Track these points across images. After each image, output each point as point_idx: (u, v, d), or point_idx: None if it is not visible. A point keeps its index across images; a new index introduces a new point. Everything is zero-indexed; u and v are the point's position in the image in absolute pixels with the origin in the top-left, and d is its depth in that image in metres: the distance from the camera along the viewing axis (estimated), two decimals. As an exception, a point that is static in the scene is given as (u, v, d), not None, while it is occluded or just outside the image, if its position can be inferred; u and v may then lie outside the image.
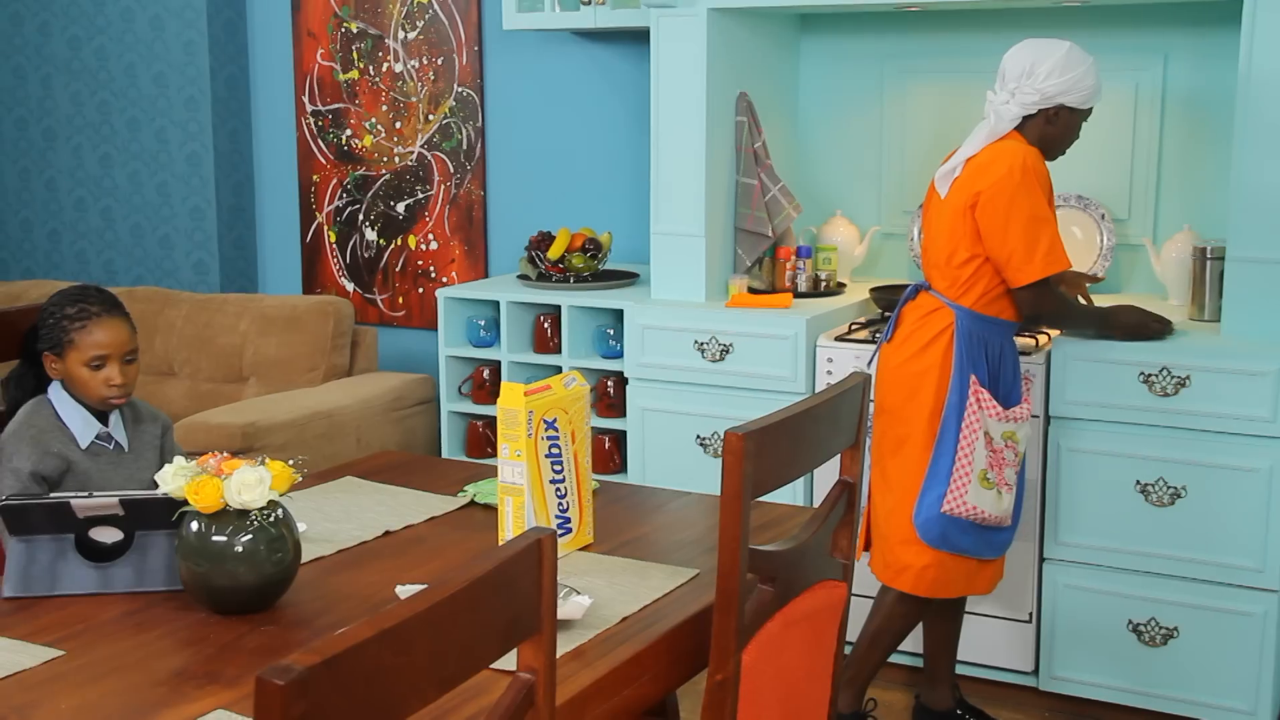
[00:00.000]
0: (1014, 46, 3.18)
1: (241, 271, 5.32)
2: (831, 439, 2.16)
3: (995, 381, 3.12)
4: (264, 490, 2.02)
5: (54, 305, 2.60)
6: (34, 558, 2.13)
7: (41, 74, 5.50)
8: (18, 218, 5.66)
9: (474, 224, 4.86)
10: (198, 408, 4.59)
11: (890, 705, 3.60)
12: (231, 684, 1.81)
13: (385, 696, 1.25)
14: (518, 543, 1.45)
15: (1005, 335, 3.15)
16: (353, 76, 5.00)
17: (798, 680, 2.14)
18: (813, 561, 2.13)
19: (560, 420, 2.31)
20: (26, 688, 1.81)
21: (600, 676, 1.85)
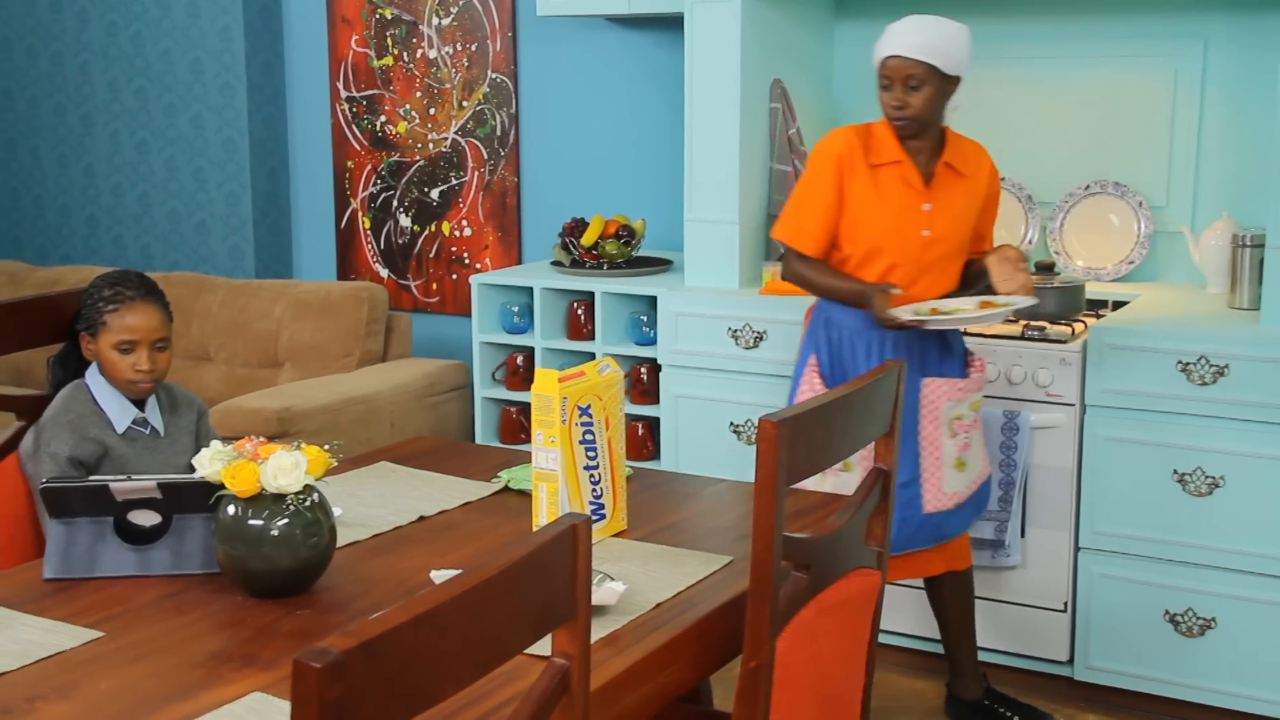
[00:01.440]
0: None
1: (276, 257, 5.34)
2: (865, 426, 2.15)
3: (837, 361, 3.14)
4: (300, 475, 2.03)
5: (94, 287, 2.62)
6: (74, 540, 2.15)
7: (79, 60, 5.53)
8: (56, 203, 5.71)
9: (508, 210, 4.86)
10: (233, 392, 4.62)
11: (922, 694, 3.59)
12: (268, 667, 1.83)
13: (421, 680, 1.26)
14: (552, 528, 1.45)
15: (852, 316, 3.11)
16: (387, 63, 5.01)
17: (832, 668, 2.14)
18: (847, 549, 2.12)
19: (594, 406, 2.31)
20: (67, 668, 1.83)
21: (634, 662, 1.86)
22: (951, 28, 3.02)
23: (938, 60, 2.98)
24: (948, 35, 3.00)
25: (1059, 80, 3.99)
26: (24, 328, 2.72)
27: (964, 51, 3.03)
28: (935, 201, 3.09)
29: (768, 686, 1.92)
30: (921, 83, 2.99)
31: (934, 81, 3.00)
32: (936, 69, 2.98)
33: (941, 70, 2.99)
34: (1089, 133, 3.97)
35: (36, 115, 5.68)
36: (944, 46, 2.98)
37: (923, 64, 2.97)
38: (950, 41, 3.00)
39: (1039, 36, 4.00)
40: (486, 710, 1.67)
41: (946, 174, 3.11)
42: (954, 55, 3.00)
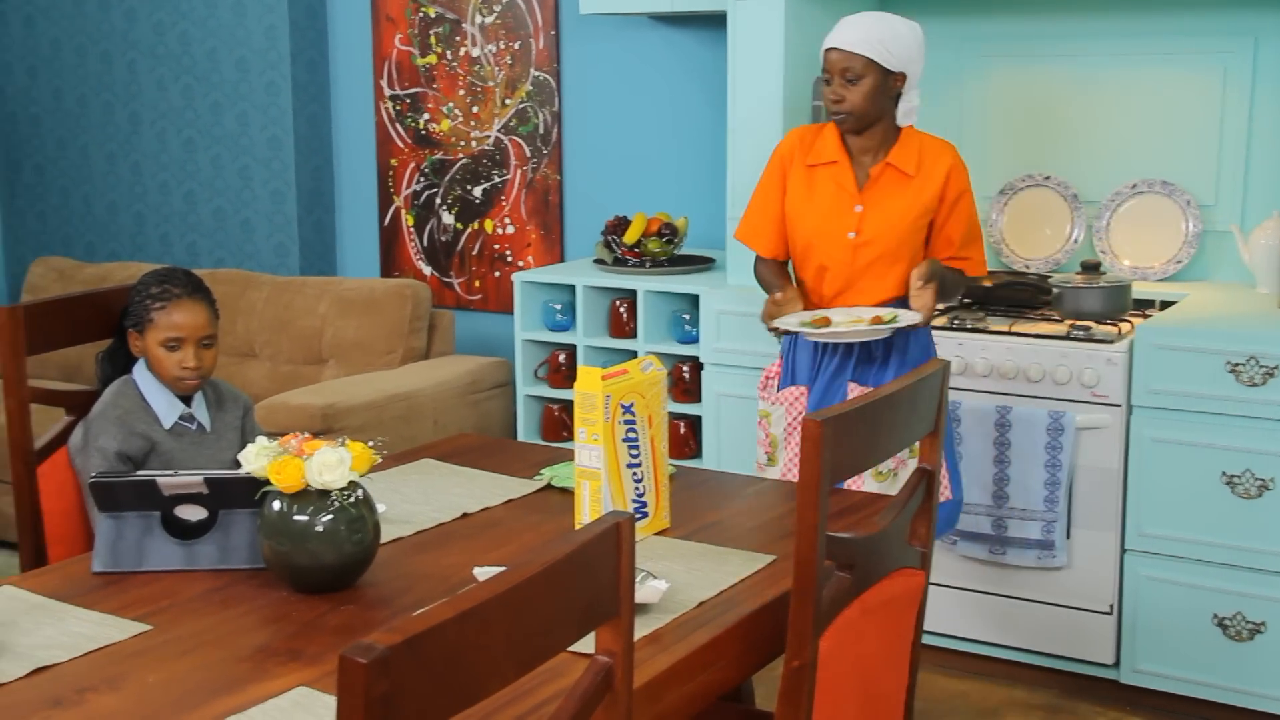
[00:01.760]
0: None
1: (320, 255, 5.37)
2: (910, 426, 2.14)
3: (788, 367, 3.16)
4: (344, 471, 2.04)
5: (142, 284, 2.65)
6: (122, 534, 2.18)
7: (128, 59, 5.58)
8: (104, 201, 5.76)
9: (550, 208, 4.87)
10: (278, 389, 4.65)
11: (965, 695, 3.58)
12: (313, 661, 1.84)
13: (465, 677, 1.26)
14: (596, 526, 1.45)
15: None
16: (430, 61, 5.03)
17: (875, 668, 2.13)
18: (891, 549, 2.12)
19: (637, 405, 2.31)
20: (116, 660, 1.84)
21: (677, 661, 1.86)
22: (898, 24, 2.97)
23: (877, 54, 2.93)
24: (891, 31, 2.95)
25: (1106, 78, 3.96)
26: (73, 324, 2.75)
27: (909, 48, 2.97)
28: (868, 203, 3.03)
29: (811, 686, 1.92)
30: (859, 76, 2.94)
31: (873, 76, 2.95)
32: (876, 63, 2.94)
33: (881, 65, 2.94)
34: (1136, 131, 3.94)
35: (86, 114, 5.73)
36: (885, 41, 2.93)
37: (860, 57, 2.93)
38: (893, 37, 2.95)
39: (1085, 34, 3.97)
40: (529, 707, 1.68)
41: (887, 175, 3.03)
42: (896, 51, 2.95)
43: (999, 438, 3.49)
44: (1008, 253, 4.09)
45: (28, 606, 2.02)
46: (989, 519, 3.52)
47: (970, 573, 3.60)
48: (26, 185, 5.95)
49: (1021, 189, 4.08)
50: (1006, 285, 3.82)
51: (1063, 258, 4.02)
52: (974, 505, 3.54)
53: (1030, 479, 3.46)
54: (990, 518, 3.52)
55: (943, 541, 3.56)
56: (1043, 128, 4.06)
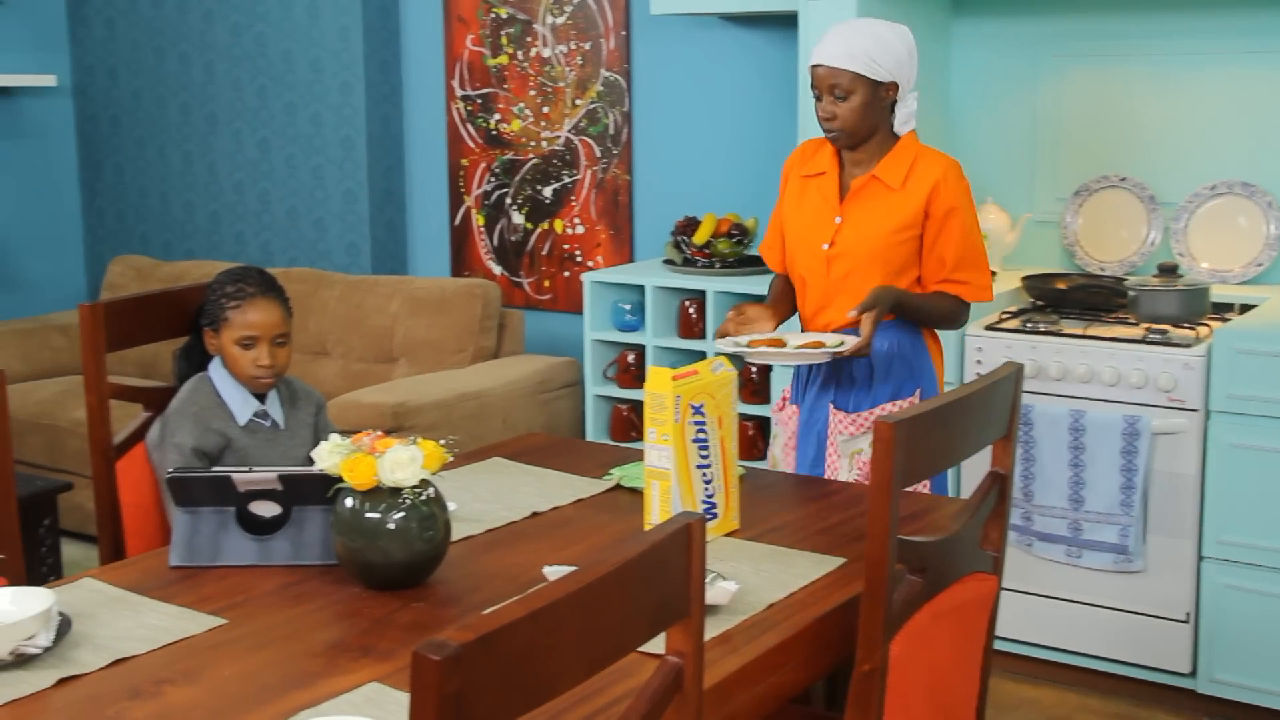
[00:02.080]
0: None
1: (392, 254, 5.42)
2: (983, 429, 2.12)
3: (791, 381, 3.10)
4: (416, 469, 2.05)
5: (217, 283, 2.68)
6: (197, 529, 2.21)
7: (205, 60, 5.66)
8: (181, 200, 5.85)
9: (620, 208, 4.88)
10: (349, 387, 4.69)
11: (1037, 701, 3.54)
12: (385, 658, 1.85)
13: (536, 675, 1.27)
14: (667, 526, 1.45)
15: None
16: (502, 61, 5.06)
17: (946, 673, 2.11)
18: (963, 553, 2.10)
19: (707, 405, 2.31)
20: (192, 653, 1.87)
21: (747, 663, 1.85)
22: (884, 32, 2.83)
23: (864, 68, 2.78)
24: (877, 41, 2.80)
25: (1184, 77, 3.90)
26: (151, 321, 2.79)
27: (897, 56, 2.81)
28: (847, 215, 2.89)
29: (881, 690, 1.91)
30: (849, 92, 2.80)
31: (863, 90, 2.80)
32: (864, 77, 2.79)
33: (870, 78, 2.79)
34: (1215, 131, 3.88)
35: (164, 115, 5.82)
36: (872, 52, 2.79)
37: (847, 73, 2.78)
38: (880, 47, 2.80)
39: (1163, 33, 3.91)
40: (599, 706, 1.68)
41: (871, 187, 2.88)
42: (885, 61, 2.79)
43: (1073, 441, 3.45)
44: (1082, 255, 4.04)
45: (107, 599, 2.05)
46: (1065, 521, 3.49)
47: (1045, 578, 3.56)
48: (106, 185, 6.05)
49: (1097, 190, 4.03)
50: (1081, 288, 3.78)
51: (1139, 260, 3.96)
52: (1050, 508, 3.50)
53: (1105, 482, 3.41)
54: (1066, 520, 3.48)
55: (1020, 543, 3.53)
56: (1118, 129, 4.00)
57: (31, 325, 5.45)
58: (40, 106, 5.93)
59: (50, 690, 1.76)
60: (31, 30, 5.86)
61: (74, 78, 6.03)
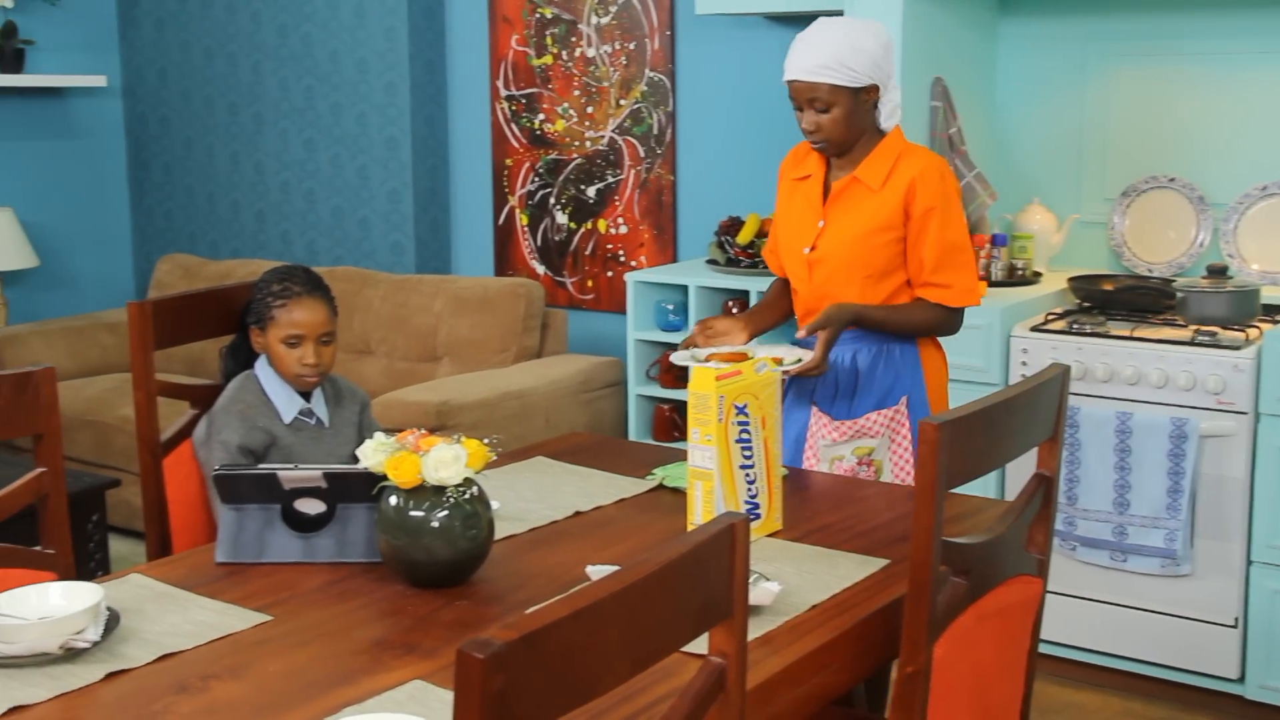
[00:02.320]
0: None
1: (436, 253, 5.44)
2: (1029, 431, 2.10)
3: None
4: (460, 468, 2.06)
5: (264, 281, 2.70)
6: (243, 526, 2.22)
7: (252, 61, 5.71)
8: (228, 199, 5.90)
9: (663, 208, 4.88)
10: (393, 385, 4.71)
11: (1082, 706, 3.51)
12: (428, 655, 1.86)
13: (580, 674, 1.27)
14: (711, 527, 1.45)
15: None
16: (546, 61, 5.07)
17: (990, 676, 2.10)
18: (1007, 555, 2.08)
19: (751, 406, 2.31)
20: (238, 649, 1.89)
21: (789, 664, 1.85)
22: (856, 34, 2.72)
23: (841, 78, 2.69)
24: (850, 45, 2.70)
25: (1233, 76, 3.86)
26: (198, 320, 2.81)
27: (873, 57, 2.71)
28: (829, 218, 2.83)
29: (925, 692, 1.90)
30: (829, 104, 2.71)
31: (844, 100, 2.71)
32: (843, 87, 2.70)
33: (849, 87, 2.71)
34: (1266, 131, 3.83)
35: (212, 114, 5.87)
36: (845, 60, 2.68)
37: (824, 85, 2.70)
38: (853, 52, 2.69)
39: (1212, 32, 3.87)
40: (642, 706, 1.68)
41: (852, 189, 2.81)
42: (861, 66, 2.70)
43: (1119, 444, 3.42)
44: (1130, 256, 4.01)
45: (154, 594, 2.07)
46: (1109, 525, 3.46)
47: (1090, 581, 3.53)
48: (155, 184, 6.11)
49: (1145, 191, 4.00)
50: (1128, 289, 3.74)
51: (1187, 261, 3.92)
52: (1094, 511, 3.47)
53: (1152, 486, 3.38)
54: (1111, 524, 3.46)
55: (1063, 547, 3.50)
56: (1167, 128, 3.97)
57: (81, 323, 5.51)
58: (91, 107, 6.00)
59: (98, 684, 1.78)
60: (82, 31, 5.92)
61: (124, 78, 6.09)
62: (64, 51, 5.84)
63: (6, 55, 5.50)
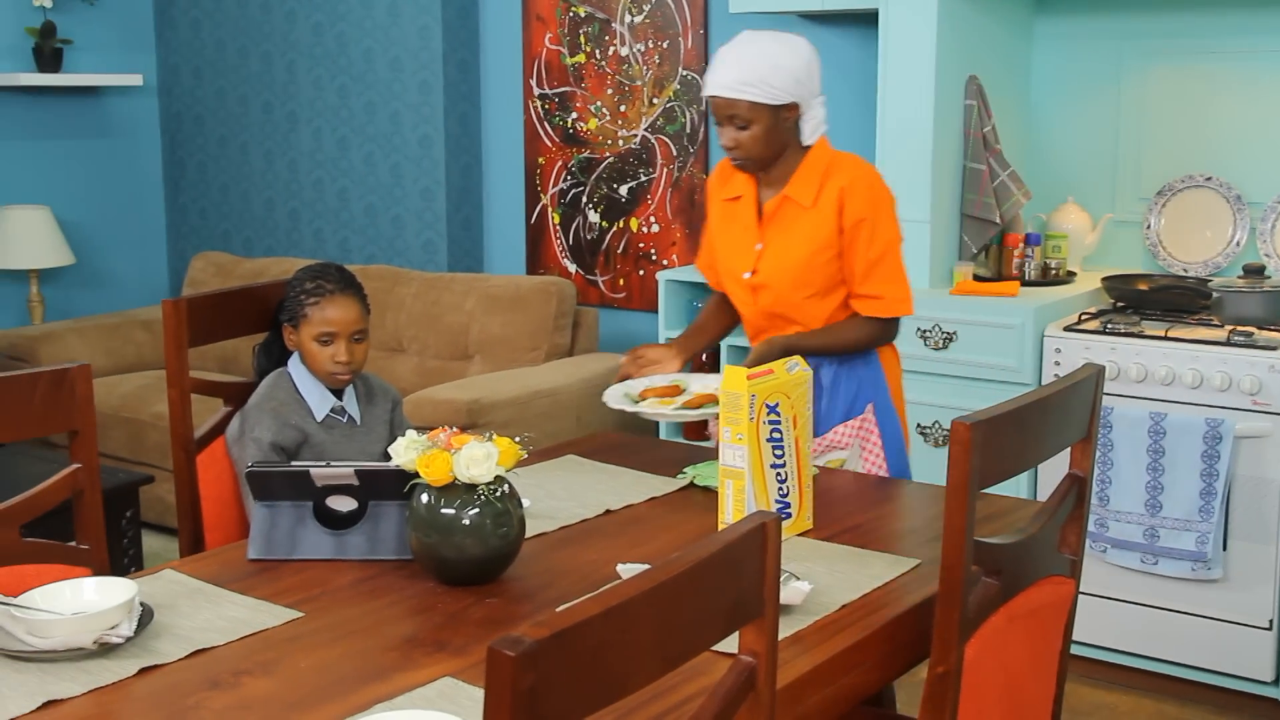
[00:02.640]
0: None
1: (468, 251, 5.45)
2: (1062, 431, 2.09)
3: None
4: (491, 465, 2.06)
5: (297, 279, 2.71)
6: (275, 522, 2.23)
7: (287, 60, 5.73)
8: (262, 197, 5.93)
9: (695, 207, 4.88)
10: (425, 383, 4.73)
11: (1114, 707, 3.49)
12: (459, 653, 1.86)
13: (610, 672, 1.27)
14: (742, 525, 1.45)
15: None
16: (579, 60, 5.07)
17: (1021, 677, 2.09)
18: (1040, 556, 2.07)
19: (782, 405, 2.30)
20: (270, 645, 1.89)
21: (820, 663, 1.84)
22: (776, 51, 2.66)
23: (760, 95, 2.64)
24: (770, 62, 2.64)
25: (1271, 75, 3.82)
26: (231, 317, 2.82)
27: (794, 74, 2.66)
28: (767, 241, 2.78)
29: (955, 693, 1.89)
30: (748, 121, 2.67)
31: (763, 117, 2.67)
32: (762, 104, 2.65)
33: (768, 104, 2.66)
34: (1304, 130, 3.80)
35: (247, 113, 5.91)
36: (765, 77, 2.63)
37: (743, 102, 2.65)
38: (773, 69, 2.64)
39: (1249, 29, 3.84)
40: (671, 704, 1.68)
41: (785, 209, 2.77)
42: (781, 83, 2.65)
43: (1152, 445, 3.39)
44: (1165, 255, 3.98)
45: (187, 590, 2.09)
46: (1140, 528, 3.44)
47: (1121, 582, 3.51)
48: (190, 182, 6.15)
49: (1180, 190, 3.97)
50: (1163, 289, 3.72)
51: (1223, 261, 3.89)
52: (1126, 513, 3.45)
53: (1185, 488, 3.36)
54: (1142, 526, 3.43)
55: (1094, 549, 3.48)
56: (1203, 127, 3.94)
57: (116, 320, 5.55)
58: (127, 105, 6.04)
59: (132, 679, 1.79)
60: (119, 31, 5.97)
61: (160, 77, 6.13)
62: (101, 51, 5.89)
63: (45, 55, 5.55)
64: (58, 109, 5.78)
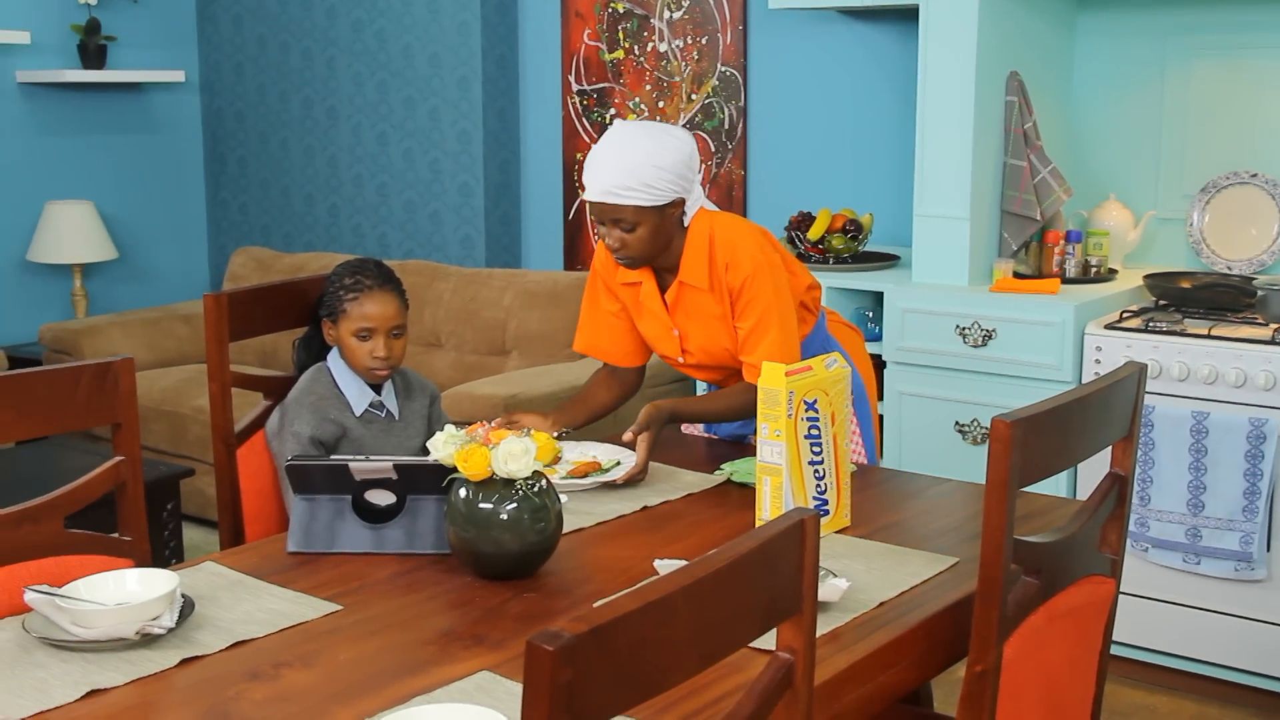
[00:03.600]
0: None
1: (506, 247, 5.47)
2: (1103, 430, 2.08)
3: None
4: (529, 461, 2.07)
5: (336, 275, 2.72)
6: (315, 516, 2.25)
7: (327, 56, 5.76)
8: (302, 193, 5.96)
9: (734, 203, 4.87)
10: (462, 378, 4.74)
11: (1154, 709, 3.46)
12: (496, 647, 1.87)
13: (648, 668, 1.27)
14: (780, 522, 1.44)
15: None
16: (618, 56, 5.07)
17: (1060, 676, 2.08)
18: (1080, 555, 2.06)
19: (820, 401, 2.30)
20: (309, 637, 1.91)
21: (857, 660, 1.84)
22: (653, 150, 2.58)
23: (644, 199, 2.58)
24: (652, 164, 2.57)
25: (1318, 71, 3.78)
26: (271, 312, 2.84)
27: (676, 170, 2.60)
28: (681, 326, 2.77)
29: (994, 692, 1.88)
30: (635, 223, 2.60)
31: (649, 218, 2.61)
32: (647, 207, 2.59)
33: (653, 206, 2.60)
34: (1350, 126, 3.76)
35: (287, 109, 5.94)
36: (647, 179, 2.57)
37: (628, 208, 2.59)
38: (655, 171, 2.57)
39: (1297, 25, 3.80)
40: (708, 700, 1.68)
41: (685, 295, 2.74)
42: (663, 183, 2.58)
43: (1194, 444, 3.37)
44: (1208, 253, 3.94)
45: (228, 582, 2.10)
46: (1183, 527, 3.41)
47: (1163, 582, 3.48)
48: (230, 178, 6.19)
49: (1225, 187, 3.93)
50: (1206, 286, 3.68)
51: (1268, 259, 3.85)
52: (1167, 513, 3.42)
53: (1228, 487, 3.33)
54: (1184, 526, 3.40)
55: (1135, 549, 3.46)
56: (1248, 123, 3.90)
57: (157, 314, 5.59)
58: (169, 102, 6.09)
59: (173, 670, 1.81)
60: (162, 28, 6.02)
61: (201, 73, 6.18)
62: (144, 48, 5.93)
63: (90, 52, 5.60)
64: (102, 105, 5.83)
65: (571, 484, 2.55)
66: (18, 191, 5.60)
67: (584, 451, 2.72)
